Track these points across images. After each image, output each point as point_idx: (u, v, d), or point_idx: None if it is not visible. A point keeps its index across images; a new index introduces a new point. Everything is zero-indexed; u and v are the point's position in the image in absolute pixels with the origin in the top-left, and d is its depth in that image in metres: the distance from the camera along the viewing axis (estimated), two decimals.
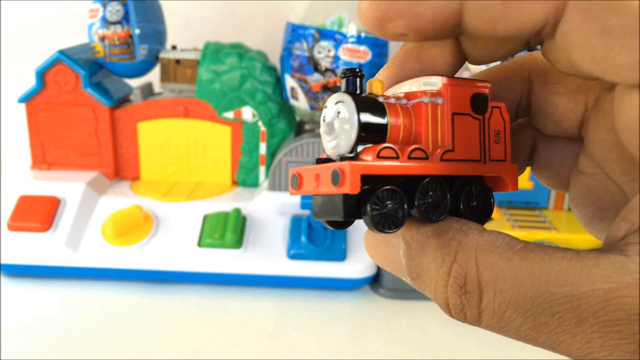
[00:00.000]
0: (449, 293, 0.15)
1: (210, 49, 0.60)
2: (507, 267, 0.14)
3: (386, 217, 0.16)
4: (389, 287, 0.55)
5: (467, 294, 0.14)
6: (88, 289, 0.54)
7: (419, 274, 0.15)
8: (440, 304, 0.15)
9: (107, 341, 0.47)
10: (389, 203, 0.16)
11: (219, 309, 0.52)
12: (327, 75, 0.55)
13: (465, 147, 0.17)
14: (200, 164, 0.63)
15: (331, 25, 0.55)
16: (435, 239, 0.15)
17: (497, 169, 0.17)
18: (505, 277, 0.14)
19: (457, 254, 0.15)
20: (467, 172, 0.17)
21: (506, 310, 0.14)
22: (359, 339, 0.49)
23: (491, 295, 0.14)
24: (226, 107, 0.60)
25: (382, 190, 0.16)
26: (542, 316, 0.14)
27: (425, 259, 0.15)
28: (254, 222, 0.56)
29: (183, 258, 0.54)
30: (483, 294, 0.14)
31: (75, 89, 0.59)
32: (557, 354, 0.14)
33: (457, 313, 0.15)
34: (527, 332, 0.14)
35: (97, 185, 0.59)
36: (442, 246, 0.15)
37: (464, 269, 0.14)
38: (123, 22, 0.58)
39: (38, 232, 0.54)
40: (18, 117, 0.70)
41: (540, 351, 0.47)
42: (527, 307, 0.14)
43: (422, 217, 0.16)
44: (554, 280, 0.13)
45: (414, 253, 0.15)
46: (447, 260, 0.15)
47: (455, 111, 0.17)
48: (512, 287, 0.14)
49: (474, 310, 0.14)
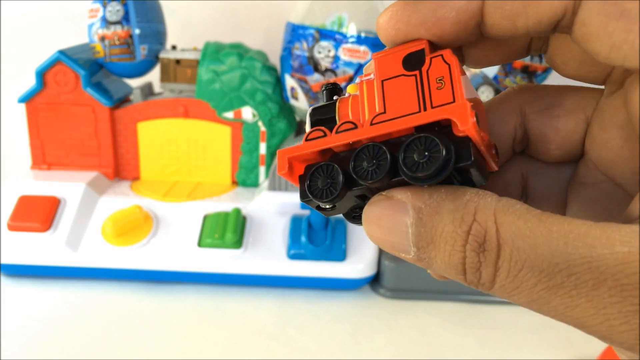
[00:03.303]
0: (467, 251, 0.14)
1: (210, 49, 0.60)
2: (525, 227, 0.14)
3: (325, 189, 0.17)
4: (389, 287, 0.55)
5: (486, 252, 0.14)
6: (88, 289, 0.54)
7: (430, 240, 0.15)
8: (456, 265, 0.15)
9: (107, 341, 0.47)
10: (321, 176, 0.17)
11: (219, 309, 0.52)
12: (327, 75, 0.55)
13: (399, 106, 0.16)
14: (200, 164, 0.63)
15: (331, 25, 0.55)
16: (452, 201, 0.15)
17: (440, 112, 0.16)
18: (524, 236, 0.14)
19: (476, 213, 0.14)
20: (404, 126, 0.16)
21: (522, 268, 0.14)
22: (359, 339, 0.49)
23: (508, 253, 0.14)
24: (226, 107, 0.60)
25: (316, 167, 0.17)
26: (559, 277, 0.13)
27: (441, 221, 0.15)
28: (254, 222, 0.56)
29: (183, 258, 0.54)
30: (500, 252, 0.14)
31: (75, 89, 0.59)
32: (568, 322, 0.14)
33: (472, 273, 0.14)
34: (540, 294, 0.14)
35: (97, 185, 0.59)
36: (461, 207, 0.15)
37: (484, 227, 0.14)
38: (123, 22, 0.58)
39: (38, 232, 0.54)
40: (18, 117, 0.70)
41: (540, 351, 0.46)
42: (544, 266, 0.13)
43: (363, 180, 0.16)
44: (572, 241, 0.13)
45: (427, 218, 0.15)
46: (467, 220, 0.14)
47: (384, 78, 0.17)
48: (530, 246, 0.14)
49: (490, 269, 0.14)
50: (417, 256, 0.16)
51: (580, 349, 0.48)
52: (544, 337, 0.50)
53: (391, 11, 0.16)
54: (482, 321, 0.52)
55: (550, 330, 0.51)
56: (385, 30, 0.16)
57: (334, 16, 0.55)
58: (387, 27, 0.16)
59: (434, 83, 0.16)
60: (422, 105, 0.16)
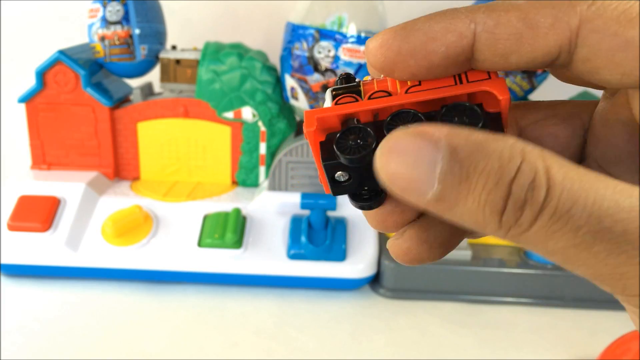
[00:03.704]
0: (514, 187, 0.14)
1: (210, 49, 0.60)
2: (574, 172, 0.13)
3: (355, 146, 0.16)
4: (389, 287, 0.55)
5: (534, 190, 0.13)
6: (88, 289, 0.54)
7: (466, 176, 0.14)
8: (495, 203, 0.14)
9: (107, 341, 0.47)
10: (354, 135, 0.16)
11: (219, 309, 0.52)
12: (327, 75, 0.55)
13: (435, 81, 0.16)
14: (200, 164, 0.63)
15: (331, 25, 0.55)
16: (496, 142, 0.14)
17: (479, 85, 0.16)
18: (573, 180, 0.13)
19: (524, 154, 0.14)
20: (442, 94, 0.16)
21: (570, 208, 0.13)
22: (359, 339, 0.49)
23: (558, 193, 0.13)
24: (226, 107, 0.60)
25: (347, 128, 0.16)
26: (607, 220, 0.13)
27: (483, 158, 0.14)
28: (254, 222, 0.56)
29: (183, 258, 0.54)
30: (550, 190, 0.13)
31: (75, 89, 0.59)
32: (600, 275, 0.14)
33: (513, 212, 0.14)
34: (584, 238, 0.13)
35: (97, 185, 0.59)
36: (507, 147, 0.14)
37: (534, 166, 0.14)
38: (123, 22, 0.58)
39: (38, 232, 0.54)
40: (18, 117, 0.70)
41: (540, 351, 0.47)
42: (594, 209, 0.13)
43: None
44: (620, 192, 0.13)
45: (464, 155, 0.14)
46: (516, 158, 0.14)
47: None
48: (580, 189, 0.13)
49: (534, 207, 0.13)
50: (437, 197, 0.14)
51: (580, 349, 0.48)
52: (544, 337, 0.50)
53: (382, 38, 0.16)
54: (482, 321, 0.52)
55: (550, 330, 0.51)
56: (375, 57, 0.16)
57: (334, 16, 0.55)
58: (376, 54, 0.16)
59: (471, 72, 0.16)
60: (458, 81, 0.16)
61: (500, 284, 0.54)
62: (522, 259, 0.56)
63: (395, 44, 0.16)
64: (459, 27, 0.15)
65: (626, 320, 0.51)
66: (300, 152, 0.57)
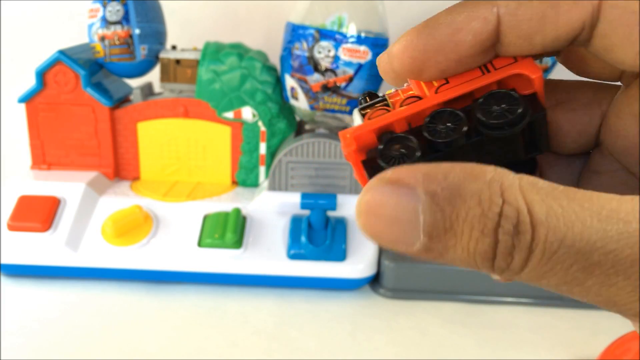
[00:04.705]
0: (500, 235, 0.13)
1: (210, 49, 0.60)
2: (557, 205, 0.13)
3: (399, 157, 0.16)
4: (389, 287, 0.55)
5: (520, 235, 0.13)
6: (88, 289, 0.54)
7: (450, 226, 0.13)
8: (484, 252, 0.13)
9: (107, 341, 0.47)
10: (396, 145, 0.16)
11: (219, 309, 0.52)
12: (327, 75, 0.55)
13: (461, 76, 0.16)
14: (200, 164, 0.63)
15: (331, 25, 0.55)
16: (473, 181, 0.13)
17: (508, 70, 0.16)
18: (557, 215, 0.13)
19: (503, 193, 0.13)
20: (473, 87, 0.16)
21: (558, 249, 0.13)
22: (359, 339, 0.49)
23: (543, 233, 0.13)
24: (226, 107, 0.60)
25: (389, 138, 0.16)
26: (596, 255, 0.13)
27: (464, 204, 0.13)
28: (254, 222, 0.56)
29: (183, 258, 0.54)
30: (535, 234, 0.13)
31: (75, 89, 0.59)
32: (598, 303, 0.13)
33: (503, 258, 0.13)
34: (575, 275, 0.13)
35: (97, 185, 0.59)
36: (485, 187, 0.13)
37: (516, 208, 0.13)
38: (123, 22, 0.58)
39: (38, 232, 0.54)
40: (18, 117, 0.70)
41: (540, 351, 0.46)
42: (581, 245, 0.13)
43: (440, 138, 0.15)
44: (606, 218, 0.13)
45: (444, 202, 0.13)
46: (497, 201, 0.13)
47: None
48: (565, 225, 0.13)
49: (523, 253, 0.13)
50: (425, 247, 0.14)
51: (580, 349, 0.48)
52: (544, 337, 0.50)
53: (405, 40, 0.16)
54: (482, 321, 0.52)
55: (550, 330, 0.51)
56: (400, 60, 0.16)
57: (334, 16, 0.55)
58: (402, 57, 0.16)
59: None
60: (485, 70, 0.16)
61: (500, 284, 0.54)
62: None
63: (421, 42, 0.16)
64: (482, 12, 0.15)
65: (626, 320, 0.51)
66: (300, 152, 0.57)
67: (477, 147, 0.16)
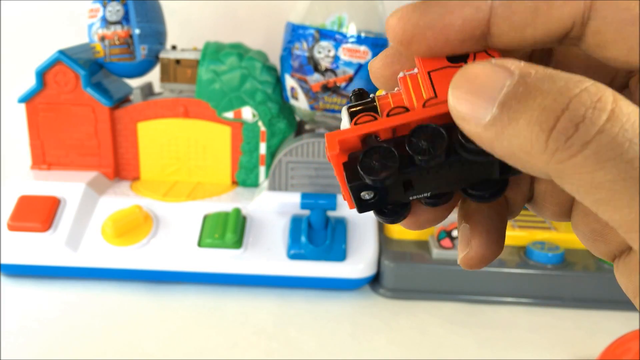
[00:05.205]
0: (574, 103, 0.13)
1: (210, 49, 0.60)
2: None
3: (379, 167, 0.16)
4: (389, 287, 0.55)
5: (596, 110, 0.13)
6: (88, 289, 0.54)
7: (528, 95, 0.13)
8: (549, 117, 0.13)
9: (107, 341, 0.47)
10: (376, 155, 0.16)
11: (219, 309, 0.52)
12: (327, 75, 0.55)
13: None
14: (200, 164, 0.63)
15: (331, 25, 0.55)
16: (565, 73, 0.14)
17: None
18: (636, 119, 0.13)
19: (595, 83, 0.13)
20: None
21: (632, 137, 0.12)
22: (359, 339, 0.49)
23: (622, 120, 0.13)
24: (226, 107, 0.60)
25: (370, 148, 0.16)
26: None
27: (550, 80, 0.13)
28: (254, 222, 0.56)
29: (183, 258, 0.54)
30: (612, 116, 0.13)
31: (75, 89, 0.59)
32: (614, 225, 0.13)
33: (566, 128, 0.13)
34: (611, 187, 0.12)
35: (97, 185, 0.59)
36: (576, 76, 0.14)
37: (603, 91, 0.13)
38: (123, 22, 0.58)
39: (38, 232, 0.54)
40: (18, 117, 0.70)
41: (540, 351, 0.46)
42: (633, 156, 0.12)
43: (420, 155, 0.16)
44: None
45: (532, 80, 0.14)
46: (586, 81, 0.13)
47: (430, 69, 0.17)
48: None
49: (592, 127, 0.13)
50: (492, 120, 0.14)
51: (580, 349, 0.48)
52: (544, 337, 0.50)
53: (401, 12, 0.17)
54: (482, 321, 0.52)
55: (550, 330, 0.51)
56: (394, 30, 0.17)
57: (334, 16, 0.55)
58: (395, 27, 0.17)
59: None
60: None
61: (500, 284, 0.55)
62: (522, 259, 0.56)
63: (414, 17, 0.16)
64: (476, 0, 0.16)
65: (626, 320, 0.52)
66: (300, 152, 0.57)
67: (455, 165, 0.16)
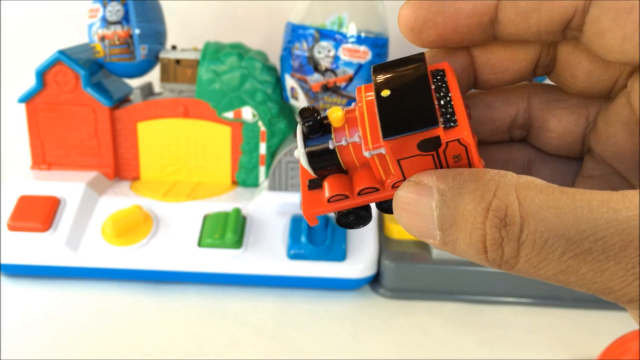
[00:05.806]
0: (487, 228, 0.14)
1: (210, 49, 0.60)
2: (549, 199, 0.14)
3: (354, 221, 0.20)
4: (389, 287, 0.55)
5: (507, 227, 0.14)
6: (88, 289, 0.54)
7: (453, 221, 0.15)
8: (477, 244, 0.15)
9: (107, 341, 0.47)
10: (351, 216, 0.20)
11: (219, 309, 0.52)
12: (327, 75, 0.55)
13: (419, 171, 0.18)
14: (200, 164, 0.63)
15: (331, 25, 0.55)
16: (473, 182, 0.15)
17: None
18: (548, 207, 0.14)
19: (496, 190, 0.14)
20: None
21: (548, 239, 0.14)
22: (359, 339, 0.49)
23: (532, 225, 0.14)
24: (226, 107, 0.60)
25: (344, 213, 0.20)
26: (586, 243, 0.13)
27: (462, 201, 0.15)
28: (254, 222, 0.56)
29: (183, 258, 0.54)
30: (524, 225, 0.14)
31: (75, 89, 0.59)
32: (595, 291, 0.14)
33: (494, 250, 0.14)
34: (568, 263, 0.14)
35: (97, 185, 0.59)
36: (481, 186, 0.15)
37: (504, 203, 0.14)
38: (123, 22, 0.58)
39: (38, 232, 0.54)
40: (18, 117, 0.70)
41: (540, 351, 0.46)
42: (571, 234, 0.13)
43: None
44: (596, 208, 0.13)
45: (449, 200, 0.15)
46: (487, 197, 0.14)
47: (400, 157, 0.17)
48: (555, 216, 0.14)
49: (512, 244, 0.14)
50: (442, 240, 0.16)
51: (580, 349, 0.48)
52: (544, 337, 0.50)
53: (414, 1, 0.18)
54: (482, 321, 0.52)
55: (550, 330, 0.51)
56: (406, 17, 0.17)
57: (334, 16, 0.55)
58: (407, 13, 0.17)
59: (451, 159, 0.17)
60: (438, 164, 0.17)
61: (500, 284, 0.55)
62: None
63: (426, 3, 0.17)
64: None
65: (626, 320, 0.51)
66: None
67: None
